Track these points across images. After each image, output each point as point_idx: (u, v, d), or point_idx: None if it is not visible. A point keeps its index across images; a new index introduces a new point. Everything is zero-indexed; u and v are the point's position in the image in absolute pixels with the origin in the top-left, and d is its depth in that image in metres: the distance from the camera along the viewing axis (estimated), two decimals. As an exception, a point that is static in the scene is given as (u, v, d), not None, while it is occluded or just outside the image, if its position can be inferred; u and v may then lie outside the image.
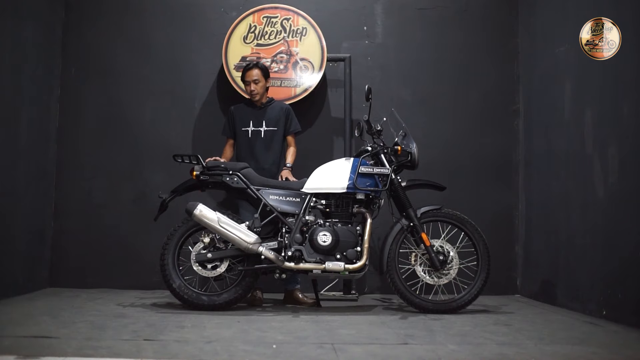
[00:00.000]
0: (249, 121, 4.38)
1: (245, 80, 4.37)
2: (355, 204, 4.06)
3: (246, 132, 4.37)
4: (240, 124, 4.39)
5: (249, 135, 4.36)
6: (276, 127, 4.39)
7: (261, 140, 4.35)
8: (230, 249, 3.96)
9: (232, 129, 4.43)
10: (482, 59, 5.17)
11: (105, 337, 3.01)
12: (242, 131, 4.38)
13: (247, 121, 4.38)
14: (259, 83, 4.35)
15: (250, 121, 4.38)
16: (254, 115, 4.39)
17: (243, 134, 4.38)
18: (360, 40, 5.13)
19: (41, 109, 4.67)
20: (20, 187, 4.34)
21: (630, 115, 3.65)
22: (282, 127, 4.41)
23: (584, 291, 4.04)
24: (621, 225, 3.67)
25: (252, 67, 4.35)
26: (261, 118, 4.38)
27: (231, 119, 4.44)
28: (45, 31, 4.74)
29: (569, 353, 2.88)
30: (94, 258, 4.85)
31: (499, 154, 5.11)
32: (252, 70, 4.34)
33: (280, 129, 4.40)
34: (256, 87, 4.34)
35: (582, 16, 4.11)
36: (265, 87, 4.41)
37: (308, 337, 3.12)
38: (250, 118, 4.39)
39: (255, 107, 4.43)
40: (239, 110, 4.45)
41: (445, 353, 2.83)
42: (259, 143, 4.35)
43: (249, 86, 4.35)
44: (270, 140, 4.37)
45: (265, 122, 4.37)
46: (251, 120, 4.38)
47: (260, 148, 4.34)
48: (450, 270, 4.04)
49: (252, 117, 4.39)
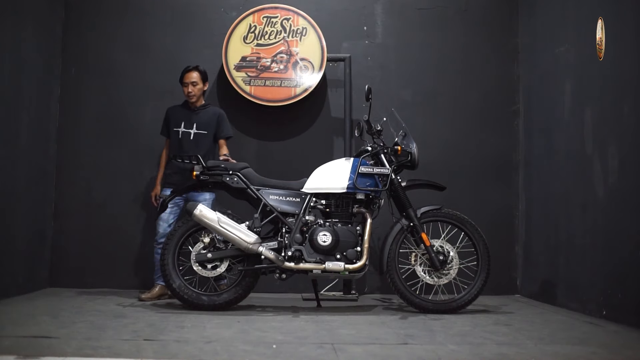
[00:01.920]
0: (181, 122, 4.43)
1: (183, 81, 4.42)
2: (355, 204, 4.06)
3: (177, 133, 4.42)
4: (173, 124, 4.45)
5: (179, 136, 4.41)
6: (206, 130, 4.42)
7: (190, 142, 4.39)
8: (230, 249, 3.96)
9: (167, 128, 4.51)
10: (482, 59, 5.17)
11: (105, 337, 3.01)
12: (174, 131, 4.44)
13: (179, 122, 4.44)
14: (196, 85, 4.40)
15: (182, 122, 4.43)
16: (186, 117, 4.44)
17: (174, 133, 4.44)
18: (360, 40, 5.13)
19: (41, 109, 4.67)
20: (20, 187, 4.34)
21: (630, 115, 3.64)
22: (212, 131, 4.44)
23: (584, 291, 4.04)
24: (621, 225, 3.67)
25: (192, 69, 4.42)
26: (193, 120, 4.43)
27: (167, 118, 4.52)
28: (45, 31, 4.74)
29: (569, 353, 2.87)
30: (94, 258, 4.85)
31: (499, 154, 5.11)
32: (192, 73, 4.41)
33: (210, 133, 4.43)
34: (193, 89, 4.40)
35: (582, 16, 4.11)
36: (202, 90, 4.48)
37: (308, 337, 3.12)
38: (183, 119, 4.44)
39: (189, 109, 4.47)
40: (174, 110, 4.51)
41: (445, 353, 2.83)
42: (187, 144, 4.38)
43: (186, 87, 4.40)
44: (198, 142, 4.39)
45: (196, 124, 4.42)
46: (183, 122, 4.43)
47: (188, 149, 4.33)
48: (450, 270, 4.03)
49: (184, 119, 4.44)
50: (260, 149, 5.01)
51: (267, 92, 4.82)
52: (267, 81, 4.84)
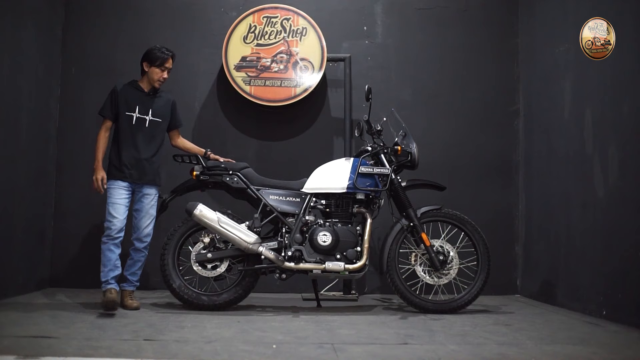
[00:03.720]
0: (135, 106, 3.98)
1: (163, 66, 4.01)
2: (355, 204, 4.07)
3: (130, 118, 3.97)
4: (125, 107, 3.98)
5: (132, 122, 3.97)
6: (161, 119, 4.07)
7: (145, 129, 3.99)
8: (230, 249, 3.96)
9: (115, 110, 3.98)
10: (482, 59, 5.17)
11: (105, 337, 3.01)
12: (126, 115, 3.97)
13: (133, 106, 3.98)
14: (168, 73, 4.08)
15: (137, 107, 3.99)
16: (141, 102, 4.01)
17: (127, 118, 3.97)
18: (360, 40, 5.13)
19: (41, 109, 4.67)
20: (20, 187, 4.34)
21: (630, 115, 3.65)
22: (167, 120, 4.11)
23: (584, 291, 4.04)
24: (621, 225, 3.67)
25: (173, 55, 4.07)
26: (148, 106, 4.02)
27: (114, 99, 3.98)
28: (45, 31, 4.74)
29: (569, 353, 2.88)
30: (94, 258, 4.81)
31: (499, 154, 5.11)
32: (171, 60, 4.06)
33: (164, 121, 4.10)
34: (166, 77, 4.07)
35: (581, 16, 4.11)
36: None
37: (308, 337, 3.12)
38: (137, 103, 4.00)
39: (144, 93, 4.05)
40: (125, 91, 4.01)
41: (445, 353, 2.83)
42: (141, 132, 3.99)
43: (163, 73, 4.02)
44: (153, 131, 4.03)
45: (152, 111, 4.02)
46: (138, 106, 3.99)
47: (142, 138, 3.98)
48: (450, 270, 4.04)
49: (139, 103, 4.00)
50: (260, 149, 5.01)
51: (267, 92, 4.82)
52: (267, 81, 4.84)
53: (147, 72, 4.03)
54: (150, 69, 4.01)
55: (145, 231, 3.98)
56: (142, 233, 3.97)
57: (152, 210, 4.01)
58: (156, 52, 4.01)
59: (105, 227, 3.86)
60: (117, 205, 3.87)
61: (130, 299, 3.94)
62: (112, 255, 3.84)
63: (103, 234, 3.86)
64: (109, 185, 3.92)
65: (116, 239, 3.85)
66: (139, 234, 3.98)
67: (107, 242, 3.84)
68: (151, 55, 4.01)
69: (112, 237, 3.84)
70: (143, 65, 4.04)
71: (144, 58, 4.03)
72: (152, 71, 4.01)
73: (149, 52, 4.03)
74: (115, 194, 3.89)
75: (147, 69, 4.02)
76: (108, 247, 3.84)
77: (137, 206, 4.01)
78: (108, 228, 3.85)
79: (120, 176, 3.92)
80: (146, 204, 4.00)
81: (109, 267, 3.83)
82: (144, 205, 4.00)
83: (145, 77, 4.05)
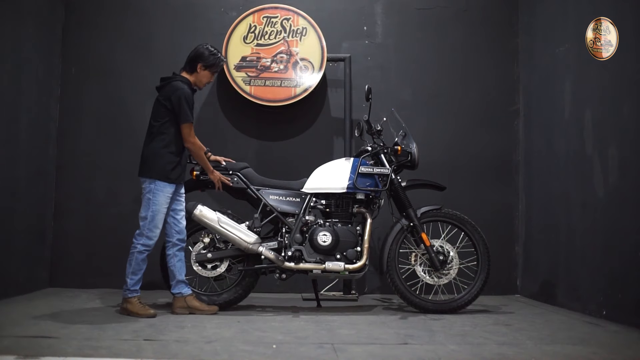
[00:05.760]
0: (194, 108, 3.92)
1: (214, 72, 3.95)
2: (355, 204, 4.07)
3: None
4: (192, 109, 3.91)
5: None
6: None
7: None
8: (230, 249, 3.96)
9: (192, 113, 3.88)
10: (482, 59, 5.17)
11: (105, 337, 3.01)
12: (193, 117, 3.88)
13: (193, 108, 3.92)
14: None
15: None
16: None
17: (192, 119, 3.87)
18: (360, 40, 5.13)
19: (41, 109, 4.67)
20: (20, 187, 4.34)
21: (630, 115, 3.65)
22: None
23: (584, 291, 4.04)
24: (621, 225, 3.67)
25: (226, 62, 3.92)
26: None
27: (190, 103, 3.83)
28: (45, 31, 4.74)
29: (569, 353, 2.88)
30: (94, 258, 4.85)
31: (499, 154, 5.11)
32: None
33: None
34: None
35: (582, 16, 4.11)
36: None
37: (308, 337, 3.12)
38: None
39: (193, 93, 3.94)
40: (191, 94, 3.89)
41: (445, 353, 2.83)
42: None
43: (211, 78, 3.98)
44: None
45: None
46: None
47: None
48: (450, 270, 4.04)
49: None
50: (260, 149, 5.01)
51: (267, 92, 4.82)
52: (267, 81, 4.84)
53: (197, 73, 3.88)
54: (204, 71, 3.88)
55: (185, 230, 3.87)
56: (184, 232, 3.85)
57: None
58: (214, 57, 3.88)
59: (146, 236, 3.68)
60: (162, 216, 3.73)
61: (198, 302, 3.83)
62: (144, 265, 3.72)
63: (138, 241, 3.69)
64: (156, 189, 3.71)
65: (150, 250, 3.73)
66: (183, 235, 3.84)
67: (144, 252, 3.69)
68: (209, 59, 3.87)
69: (149, 248, 3.70)
70: (197, 66, 3.87)
71: (199, 59, 3.86)
72: (204, 74, 3.89)
73: (206, 55, 3.86)
74: (162, 201, 3.71)
75: (200, 71, 3.88)
76: (144, 257, 3.70)
77: (176, 206, 3.84)
78: (149, 238, 3.68)
79: (173, 179, 3.74)
80: (183, 202, 3.89)
81: (139, 276, 3.72)
82: (181, 204, 3.88)
83: (193, 76, 3.89)
